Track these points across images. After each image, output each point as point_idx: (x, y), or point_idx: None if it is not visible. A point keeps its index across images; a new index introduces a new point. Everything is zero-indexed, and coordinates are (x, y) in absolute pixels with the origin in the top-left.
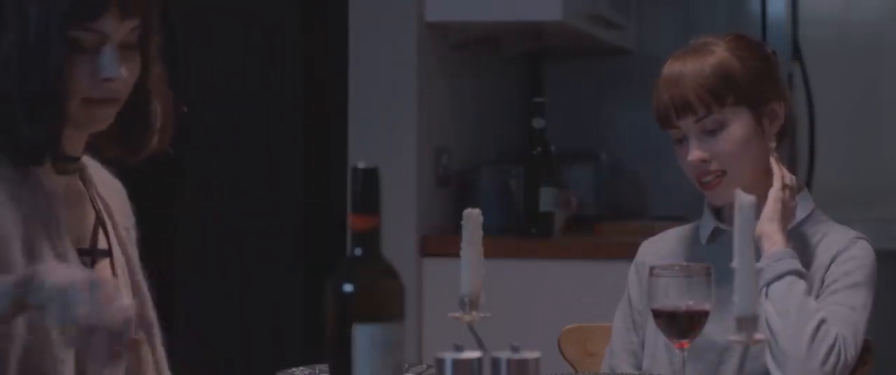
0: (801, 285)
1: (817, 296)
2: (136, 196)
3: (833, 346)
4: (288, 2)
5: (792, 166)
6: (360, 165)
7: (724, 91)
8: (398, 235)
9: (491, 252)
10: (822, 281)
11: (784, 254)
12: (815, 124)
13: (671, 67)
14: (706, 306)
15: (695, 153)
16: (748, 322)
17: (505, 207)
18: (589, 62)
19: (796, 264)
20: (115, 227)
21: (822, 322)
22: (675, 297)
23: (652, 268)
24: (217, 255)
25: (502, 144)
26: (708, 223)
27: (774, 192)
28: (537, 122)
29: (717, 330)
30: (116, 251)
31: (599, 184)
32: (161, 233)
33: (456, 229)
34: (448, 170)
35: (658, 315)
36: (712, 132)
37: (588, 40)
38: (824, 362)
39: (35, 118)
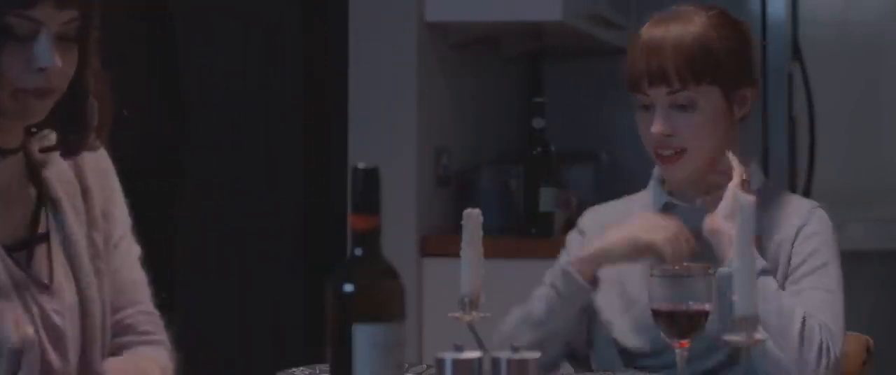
0: (772, 283)
1: (787, 276)
2: (135, 196)
3: (821, 344)
4: (288, 2)
5: (792, 166)
6: (360, 165)
7: (701, 69)
8: (398, 235)
9: (491, 252)
10: (790, 257)
11: None
12: (815, 124)
13: (651, 32)
14: (706, 306)
15: (658, 125)
16: (748, 323)
17: (505, 207)
18: (589, 62)
19: (761, 261)
20: (57, 209)
21: (804, 320)
22: (675, 297)
23: (652, 268)
24: (217, 255)
25: (502, 144)
26: (659, 196)
27: (732, 188)
28: (537, 122)
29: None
30: (54, 233)
31: (599, 184)
32: (161, 233)
33: (456, 229)
34: (448, 170)
35: (658, 315)
36: (682, 107)
37: (588, 40)
38: (817, 363)
39: None
